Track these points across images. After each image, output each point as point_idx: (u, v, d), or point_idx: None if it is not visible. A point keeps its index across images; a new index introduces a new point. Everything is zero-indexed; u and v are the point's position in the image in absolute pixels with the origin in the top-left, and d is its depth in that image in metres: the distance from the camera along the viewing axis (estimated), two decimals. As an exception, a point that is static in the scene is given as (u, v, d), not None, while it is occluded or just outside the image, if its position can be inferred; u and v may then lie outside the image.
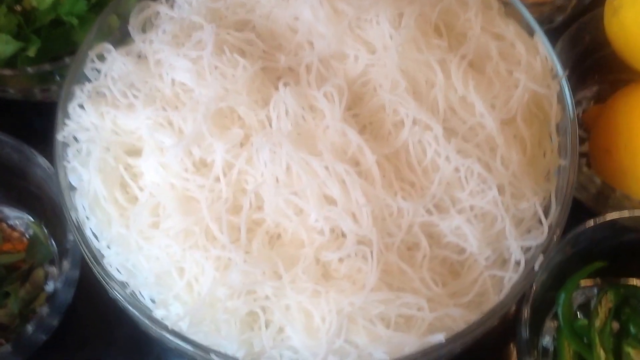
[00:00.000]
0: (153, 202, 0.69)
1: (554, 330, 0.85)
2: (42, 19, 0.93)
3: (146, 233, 0.68)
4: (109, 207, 0.70)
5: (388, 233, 0.66)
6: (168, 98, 0.72)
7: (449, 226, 0.67)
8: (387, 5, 0.74)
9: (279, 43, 0.76)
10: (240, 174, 0.68)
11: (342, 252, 0.65)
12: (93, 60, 0.77)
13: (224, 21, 0.78)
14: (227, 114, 0.70)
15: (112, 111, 0.72)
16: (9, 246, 0.90)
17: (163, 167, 0.69)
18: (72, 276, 0.81)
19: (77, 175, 0.72)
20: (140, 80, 0.74)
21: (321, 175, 0.66)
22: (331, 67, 0.73)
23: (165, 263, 0.67)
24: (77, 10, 0.92)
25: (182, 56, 0.72)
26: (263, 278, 0.64)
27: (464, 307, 0.66)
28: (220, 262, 0.65)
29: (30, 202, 0.91)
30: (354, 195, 0.65)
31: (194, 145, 0.68)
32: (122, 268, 0.69)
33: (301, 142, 0.67)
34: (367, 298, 0.63)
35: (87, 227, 0.71)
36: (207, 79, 0.71)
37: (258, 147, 0.67)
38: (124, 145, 0.72)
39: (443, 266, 0.68)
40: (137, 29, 0.80)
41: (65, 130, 0.73)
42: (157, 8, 0.81)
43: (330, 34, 0.74)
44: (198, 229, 0.66)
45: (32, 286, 0.87)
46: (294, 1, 0.77)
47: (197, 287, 0.66)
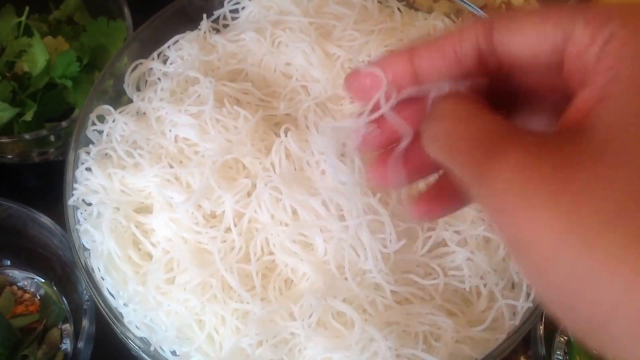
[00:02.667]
0: (167, 258, 0.70)
1: (565, 345, 0.86)
2: (36, 83, 0.94)
3: (163, 289, 0.69)
4: (124, 266, 0.71)
5: (401, 270, 0.67)
6: (173, 154, 0.73)
7: (452, 259, 0.69)
8: (376, 45, 0.76)
9: (273, 90, 0.78)
10: (251, 222, 0.70)
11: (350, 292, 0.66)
12: (94, 123, 0.78)
13: (216, 72, 0.79)
14: (233, 165, 0.72)
15: (120, 172, 0.73)
16: (22, 308, 0.90)
17: (174, 222, 0.70)
18: (90, 333, 0.81)
19: (89, 237, 0.73)
20: (143, 139, 0.75)
21: (323, 214, 0.67)
22: (328, 110, 0.75)
23: (185, 317, 0.68)
24: (70, 72, 0.93)
25: (183, 112, 0.74)
26: (283, 322, 0.66)
27: (482, 332, 0.67)
28: (240, 312, 0.67)
29: (38, 262, 0.92)
30: (361, 233, 0.66)
31: (203, 198, 0.70)
32: (142, 324, 0.70)
33: (301, 184, 0.69)
34: (387, 330, 0.64)
35: (104, 287, 0.72)
36: (210, 132, 0.72)
37: (259, 193, 0.69)
38: (134, 204, 0.73)
39: (455, 296, 0.69)
40: (132, 86, 0.82)
41: (75, 195, 0.74)
42: (150, 65, 0.83)
43: (324, 77, 0.75)
44: (214, 281, 0.67)
45: (49, 346, 0.87)
46: (285, 48, 0.78)
47: (218, 338, 0.67)
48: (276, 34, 0.79)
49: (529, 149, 0.33)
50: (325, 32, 0.79)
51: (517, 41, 0.38)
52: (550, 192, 0.31)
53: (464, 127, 0.37)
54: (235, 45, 0.81)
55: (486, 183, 0.34)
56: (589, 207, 0.30)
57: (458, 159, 0.36)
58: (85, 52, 0.96)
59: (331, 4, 0.81)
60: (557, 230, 0.31)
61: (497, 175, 0.33)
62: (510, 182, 0.33)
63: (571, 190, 0.31)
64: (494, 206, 0.33)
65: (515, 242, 0.33)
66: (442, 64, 0.40)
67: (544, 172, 0.32)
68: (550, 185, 0.31)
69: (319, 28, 0.79)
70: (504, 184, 0.33)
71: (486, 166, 0.34)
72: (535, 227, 0.32)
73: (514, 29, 0.38)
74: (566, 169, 0.32)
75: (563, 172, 0.32)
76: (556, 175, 0.32)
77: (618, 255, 0.30)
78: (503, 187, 0.33)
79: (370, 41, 0.76)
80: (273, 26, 0.80)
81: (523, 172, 0.32)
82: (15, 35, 0.99)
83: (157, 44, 0.84)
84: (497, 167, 0.33)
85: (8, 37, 0.99)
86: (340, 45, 0.77)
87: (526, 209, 0.32)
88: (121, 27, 0.97)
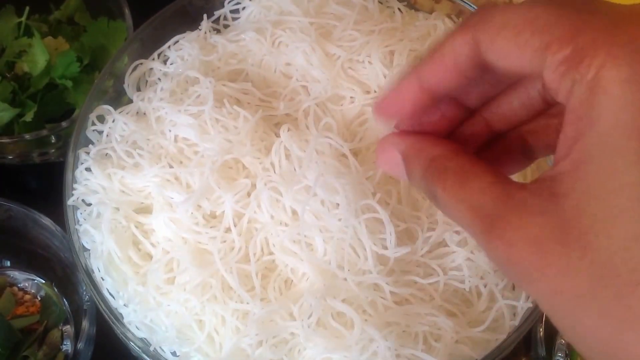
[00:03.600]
0: (167, 258, 0.70)
1: (566, 347, 0.86)
2: (36, 84, 0.94)
3: (163, 289, 0.69)
4: (123, 266, 0.71)
5: (401, 270, 0.67)
6: (172, 154, 0.73)
7: (452, 259, 0.69)
8: (377, 45, 0.76)
9: (273, 90, 0.78)
10: (250, 223, 0.70)
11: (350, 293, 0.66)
12: (94, 123, 0.78)
13: (217, 72, 0.79)
14: (233, 165, 0.72)
15: (119, 172, 0.73)
16: (23, 309, 0.90)
17: (174, 223, 0.70)
18: (91, 334, 0.81)
19: (89, 238, 0.73)
20: (143, 139, 0.75)
21: (324, 215, 0.67)
22: (328, 110, 0.75)
23: (185, 317, 0.68)
24: (70, 72, 0.93)
25: (183, 112, 0.73)
26: (283, 322, 0.65)
27: (482, 333, 0.67)
28: (240, 312, 0.67)
29: (38, 263, 0.92)
30: (361, 233, 0.66)
31: (203, 198, 0.70)
32: (142, 325, 0.70)
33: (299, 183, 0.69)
34: (386, 331, 0.64)
35: (104, 288, 0.72)
36: (210, 132, 0.72)
37: (258, 193, 0.69)
38: (133, 204, 0.73)
39: (455, 296, 0.69)
40: (132, 87, 0.82)
41: (74, 195, 0.74)
42: (150, 65, 0.83)
43: (324, 78, 0.75)
44: (214, 281, 0.67)
45: (50, 347, 0.87)
46: (285, 48, 0.78)
47: (218, 338, 0.67)
48: (276, 34, 0.79)
49: (530, 219, 0.35)
50: (325, 32, 0.79)
51: (499, 56, 0.38)
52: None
53: (464, 193, 0.39)
54: (236, 46, 0.81)
55: (494, 246, 0.36)
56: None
57: (462, 221, 0.39)
58: (85, 52, 0.96)
59: (332, 4, 0.81)
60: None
61: (506, 241, 0.36)
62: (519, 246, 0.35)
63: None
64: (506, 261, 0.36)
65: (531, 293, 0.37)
66: (446, 76, 0.41)
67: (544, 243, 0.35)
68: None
69: (320, 28, 0.79)
70: (515, 248, 0.35)
71: (492, 234, 0.37)
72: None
73: (495, 45, 0.38)
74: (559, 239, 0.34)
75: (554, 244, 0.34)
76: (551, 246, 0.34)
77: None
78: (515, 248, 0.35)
79: (371, 41, 0.76)
80: (273, 26, 0.79)
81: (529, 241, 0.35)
82: (15, 35, 0.99)
83: (158, 44, 0.84)
84: (503, 236, 0.36)
85: (8, 37, 0.99)
86: (341, 46, 0.77)
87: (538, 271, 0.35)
88: (121, 27, 0.96)
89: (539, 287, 0.35)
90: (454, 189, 0.39)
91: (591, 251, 0.33)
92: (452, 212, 0.40)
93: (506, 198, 0.37)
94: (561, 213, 0.34)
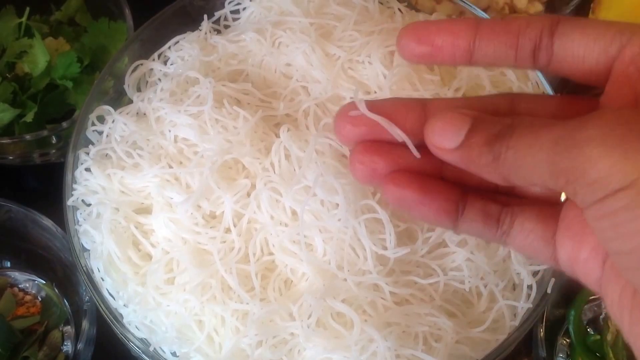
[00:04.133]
0: (167, 258, 0.70)
1: (567, 348, 0.86)
2: (37, 84, 0.94)
3: (163, 289, 0.69)
4: (123, 266, 0.71)
5: (401, 271, 0.67)
6: (172, 154, 0.73)
7: (452, 259, 0.69)
8: (377, 45, 0.75)
9: (273, 90, 0.78)
10: (250, 223, 0.70)
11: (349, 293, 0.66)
12: (94, 123, 0.78)
13: (217, 73, 0.79)
14: (232, 165, 0.72)
15: (119, 172, 0.73)
16: (23, 310, 0.90)
17: (174, 223, 0.70)
18: (90, 335, 0.81)
19: (89, 238, 0.73)
20: (143, 139, 0.75)
21: (323, 216, 0.67)
22: (328, 110, 0.75)
23: (185, 317, 0.68)
24: (71, 73, 0.93)
25: (182, 112, 0.73)
26: (282, 322, 0.65)
27: (482, 333, 0.67)
28: (239, 312, 0.67)
29: (39, 264, 0.92)
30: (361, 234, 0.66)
31: (203, 199, 0.70)
32: (141, 325, 0.70)
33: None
34: (386, 331, 0.64)
35: (104, 288, 0.72)
36: (209, 133, 0.72)
37: (258, 193, 0.69)
38: (133, 205, 0.73)
39: (455, 296, 0.69)
40: (133, 87, 0.82)
41: (74, 195, 0.74)
42: (150, 65, 0.83)
43: (324, 78, 0.75)
44: (214, 282, 0.67)
45: (50, 348, 0.87)
46: (286, 48, 0.78)
47: (218, 338, 0.67)
48: (277, 34, 0.79)
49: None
50: (325, 33, 0.79)
51: (576, 39, 0.40)
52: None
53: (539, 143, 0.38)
54: (236, 46, 0.81)
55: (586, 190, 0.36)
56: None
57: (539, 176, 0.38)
58: (86, 53, 0.96)
59: (332, 5, 0.81)
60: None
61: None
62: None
63: None
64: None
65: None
66: (503, 39, 0.41)
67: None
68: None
69: (320, 29, 0.79)
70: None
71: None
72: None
73: (577, 27, 0.40)
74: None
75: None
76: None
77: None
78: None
79: (371, 42, 0.76)
80: (273, 27, 0.79)
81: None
82: (16, 36, 0.99)
83: (158, 44, 0.84)
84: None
85: (9, 38, 0.99)
86: (341, 46, 0.77)
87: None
88: (122, 28, 0.97)
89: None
90: (528, 140, 0.38)
91: None
92: (526, 169, 0.38)
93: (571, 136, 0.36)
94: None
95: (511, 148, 0.38)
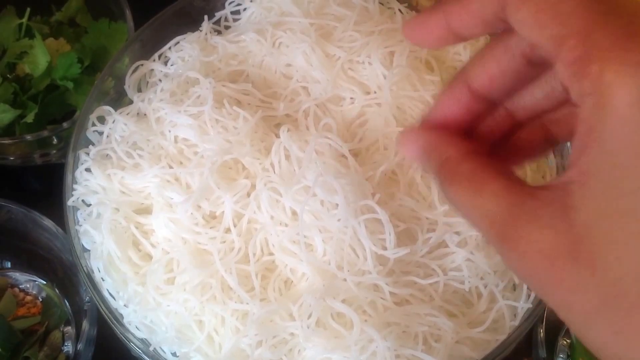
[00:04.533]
0: (167, 258, 0.70)
1: (567, 348, 0.86)
2: (37, 85, 0.94)
3: (163, 289, 0.69)
4: (123, 266, 0.71)
5: (401, 271, 0.67)
6: (172, 155, 0.73)
7: (452, 260, 0.69)
8: (377, 46, 0.76)
9: (273, 91, 0.78)
10: (250, 223, 0.70)
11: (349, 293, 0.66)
12: (94, 124, 0.78)
13: (217, 73, 0.79)
14: (232, 165, 0.72)
15: (119, 172, 0.73)
16: (24, 310, 0.90)
17: (174, 223, 0.70)
18: (91, 335, 0.81)
19: (89, 238, 0.73)
20: (143, 139, 0.75)
21: (323, 216, 0.67)
22: (328, 111, 0.75)
23: (185, 317, 0.68)
24: (71, 73, 0.93)
25: (183, 113, 0.73)
26: (282, 322, 0.65)
27: (482, 333, 0.67)
28: (239, 312, 0.67)
29: (40, 264, 0.92)
30: (361, 234, 0.66)
31: (203, 199, 0.70)
32: (142, 325, 0.70)
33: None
34: (386, 331, 0.64)
35: (104, 288, 0.72)
36: (209, 133, 0.72)
37: (258, 193, 0.69)
38: (133, 205, 0.73)
39: (455, 297, 0.69)
40: (133, 88, 0.82)
41: (74, 196, 0.74)
42: (151, 66, 0.83)
43: (324, 78, 0.75)
44: (214, 282, 0.67)
45: (51, 349, 0.87)
46: (286, 49, 0.78)
47: (218, 338, 0.67)
48: (277, 35, 0.79)
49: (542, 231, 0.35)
50: (325, 33, 0.79)
51: (521, 26, 0.37)
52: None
53: (475, 199, 0.39)
54: (236, 47, 0.81)
55: (507, 256, 0.37)
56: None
57: (476, 226, 0.39)
58: (86, 53, 0.96)
59: (332, 5, 0.81)
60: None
61: (521, 251, 0.36)
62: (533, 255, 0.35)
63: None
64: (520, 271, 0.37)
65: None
66: (471, 22, 0.41)
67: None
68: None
69: (320, 29, 0.79)
70: (527, 260, 0.36)
71: (505, 244, 0.37)
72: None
73: (519, 15, 0.37)
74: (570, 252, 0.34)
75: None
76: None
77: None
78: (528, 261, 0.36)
79: (371, 42, 0.76)
80: (274, 27, 0.80)
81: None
82: (16, 36, 0.99)
83: (158, 45, 0.84)
84: (516, 248, 0.36)
85: (9, 38, 0.99)
86: (341, 47, 0.77)
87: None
88: (123, 28, 0.97)
89: (553, 300, 0.35)
90: (467, 194, 0.39)
91: (601, 270, 0.33)
92: (465, 216, 0.40)
93: (518, 207, 0.37)
94: (571, 228, 0.34)
95: (456, 196, 0.40)
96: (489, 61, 0.42)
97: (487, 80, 0.42)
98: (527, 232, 0.35)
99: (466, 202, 0.39)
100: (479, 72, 0.43)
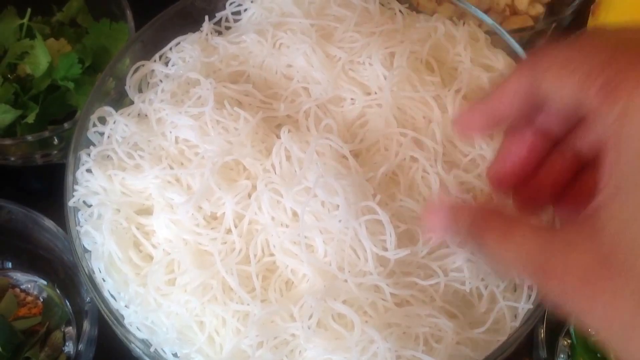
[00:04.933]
0: (168, 259, 0.70)
1: (568, 348, 0.86)
2: (38, 85, 0.94)
3: (164, 290, 0.69)
4: (124, 267, 0.71)
5: (401, 272, 0.67)
6: (173, 155, 0.73)
7: (453, 260, 0.69)
8: (378, 46, 0.76)
9: (274, 91, 0.78)
10: (251, 224, 0.70)
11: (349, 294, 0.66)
12: (95, 124, 0.78)
13: (218, 74, 0.79)
14: (233, 167, 0.72)
15: (120, 173, 0.73)
16: (25, 311, 0.90)
17: (175, 224, 0.70)
18: (92, 335, 0.81)
19: (90, 239, 0.73)
20: (144, 140, 0.75)
21: (324, 217, 0.67)
22: (328, 111, 0.75)
23: (185, 318, 0.68)
24: (72, 74, 0.93)
25: (183, 114, 0.73)
26: (283, 323, 0.65)
27: (482, 334, 0.67)
28: (240, 313, 0.67)
29: (41, 265, 0.92)
30: (361, 235, 0.66)
31: (204, 200, 0.70)
32: (143, 326, 0.70)
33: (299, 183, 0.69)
34: (387, 332, 0.64)
35: (105, 289, 0.72)
36: (210, 134, 0.72)
37: (259, 194, 0.69)
38: (134, 206, 0.73)
39: (456, 297, 0.69)
40: (134, 88, 0.82)
41: (75, 196, 0.74)
42: (152, 67, 0.83)
43: (325, 79, 0.75)
44: (215, 283, 0.67)
45: (52, 349, 0.87)
46: (286, 49, 0.78)
47: (219, 339, 0.67)
48: (277, 35, 0.79)
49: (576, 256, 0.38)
50: (326, 34, 0.79)
51: (552, 86, 0.43)
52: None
53: (508, 243, 0.43)
54: (237, 47, 0.81)
55: (549, 286, 0.40)
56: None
57: (512, 267, 0.44)
58: (87, 54, 0.96)
59: (333, 6, 0.81)
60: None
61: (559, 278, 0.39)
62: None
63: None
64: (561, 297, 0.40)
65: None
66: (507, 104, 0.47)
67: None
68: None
69: (320, 30, 0.79)
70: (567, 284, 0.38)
71: (544, 276, 0.40)
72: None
73: (549, 76, 0.43)
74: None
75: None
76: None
77: None
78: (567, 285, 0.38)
79: (371, 43, 0.76)
80: (274, 28, 0.80)
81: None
82: (17, 37, 1.00)
83: (159, 45, 0.84)
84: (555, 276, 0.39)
85: (10, 39, 0.99)
86: (341, 47, 0.77)
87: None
88: (123, 29, 0.97)
89: (593, 320, 0.37)
90: (500, 240, 0.43)
91: (634, 276, 0.34)
92: (500, 261, 0.43)
93: (550, 242, 0.39)
94: (602, 246, 0.36)
95: (490, 243, 0.46)
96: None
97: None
98: (561, 261, 0.38)
99: (500, 247, 0.42)
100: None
